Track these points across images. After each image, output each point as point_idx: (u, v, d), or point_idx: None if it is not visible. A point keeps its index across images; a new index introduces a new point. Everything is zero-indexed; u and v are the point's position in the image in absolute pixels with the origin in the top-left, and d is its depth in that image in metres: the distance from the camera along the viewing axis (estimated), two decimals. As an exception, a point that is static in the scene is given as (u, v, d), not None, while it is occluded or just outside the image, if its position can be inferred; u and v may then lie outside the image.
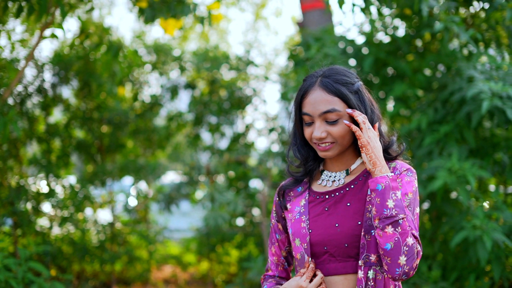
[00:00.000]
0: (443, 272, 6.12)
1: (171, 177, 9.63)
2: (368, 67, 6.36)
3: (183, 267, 8.90)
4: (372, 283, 2.30)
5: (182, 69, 8.35)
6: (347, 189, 2.44)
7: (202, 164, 7.27)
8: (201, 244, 8.60)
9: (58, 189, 7.52)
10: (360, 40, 7.05)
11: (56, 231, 7.65)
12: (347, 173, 2.48)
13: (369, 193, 2.37)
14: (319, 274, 2.38)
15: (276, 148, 8.38)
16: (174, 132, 8.65)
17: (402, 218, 2.21)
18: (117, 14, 27.14)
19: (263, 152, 8.44)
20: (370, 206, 2.34)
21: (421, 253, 2.24)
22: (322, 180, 2.53)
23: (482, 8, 6.82)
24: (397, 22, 6.98)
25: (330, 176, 2.51)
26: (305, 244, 2.41)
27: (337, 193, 2.45)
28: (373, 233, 2.31)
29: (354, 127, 2.35)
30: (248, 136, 8.51)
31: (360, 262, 2.32)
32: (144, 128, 8.30)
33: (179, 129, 8.58)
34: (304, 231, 2.43)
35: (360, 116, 2.36)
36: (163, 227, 8.57)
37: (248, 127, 8.49)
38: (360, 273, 2.31)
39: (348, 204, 2.40)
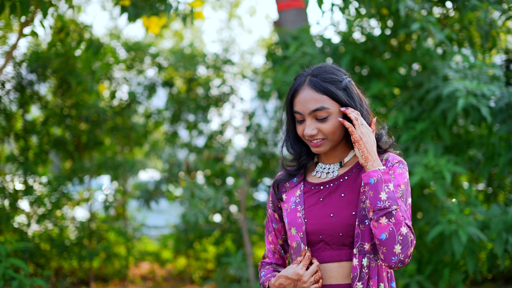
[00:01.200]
0: (418, 266, 6.27)
1: (150, 174, 9.67)
2: (345, 66, 6.48)
3: (160, 264, 8.95)
4: (366, 270, 2.41)
5: (160, 67, 8.40)
6: (341, 180, 2.54)
7: (182, 161, 7.33)
8: (179, 240, 8.66)
9: (36, 186, 7.52)
10: (336, 39, 7.17)
11: (34, 228, 7.65)
12: (341, 165, 2.59)
13: (362, 184, 2.47)
14: (315, 262, 2.48)
15: (253, 145, 8.48)
16: (152, 129, 8.70)
17: (395, 209, 2.32)
18: (91, 12, 26.94)
19: (240, 150, 8.53)
20: (364, 197, 2.44)
21: (414, 242, 2.36)
22: (317, 172, 2.63)
23: (456, 9, 6.98)
24: (372, 21, 7.12)
25: (324, 168, 2.61)
26: (301, 233, 2.51)
27: (331, 184, 2.55)
28: (367, 223, 2.42)
29: (347, 124, 2.45)
30: (225, 133, 8.59)
31: (354, 250, 2.43)
32: (122, 125, 8.33)
33: (157, 126, 8.63)
34: (299, 220, 2.52)
35: (353, 113, 2.46)
36: (141, 223, 8.61)
37: (225, 125, 8.57)
38: (355, 261, 2.42)
39: (343, 195, 2.50)
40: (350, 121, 2.50)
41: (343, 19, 7.19)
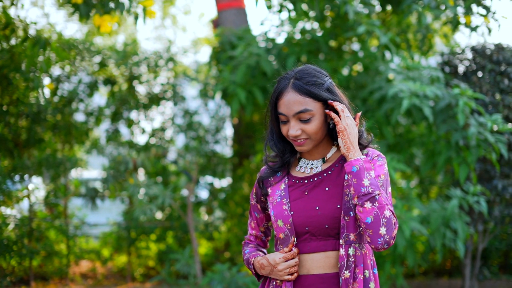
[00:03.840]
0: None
1: (92, 172, 9.60)
2: (290, 67, 6.63)
3: (102, 262, 8.92)
4: (353, 259, 2.58)
5: (101, 65, 8.36)
6: (325, 175, 2.70)
7: (128, 159, 7.33)
8: (120, 238, 8.66)
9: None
10: (280, 39, 7.34)
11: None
12: (324, 161, 2.74)
13: (346, 178, 2.63)
14: (295, 259, 2.65)
15: (193, 143, 8.57)
16: (93, 126, 8.65)
17: (378, 194, 2.50)
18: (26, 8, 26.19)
19: (181, 148, 8.60)
20: (348, 190, 2.61)
21: (397, 225, 2.56)
22: (300, 167, 2.77)
23: (394, 13, 7.26)
24: (315, 23, 7.33)
25: (307, 164, 2.76)
26: (288, 225, 2.65)
27: (315, 178, 2.70)
28: (351, 214, 2.58)
29: (333, 114, 2.62)
30: (167, 131, 8.63)
31: (341, 241, 2.59)
32: (63, 123, 8.26)
33: (98, 123, 8.58)
34: (286, 213, 2.66)
35: (339, 105, 2.63)
36: (82, 221, 8.55)
37: (166, 123, 8.61)
38: (342, 251, 2.58)
39: (327, 188, 2.65)
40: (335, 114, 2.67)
41: (286, 20, 7.38)
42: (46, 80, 8.20)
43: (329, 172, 2.70)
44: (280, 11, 6.93)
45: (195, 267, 7.06)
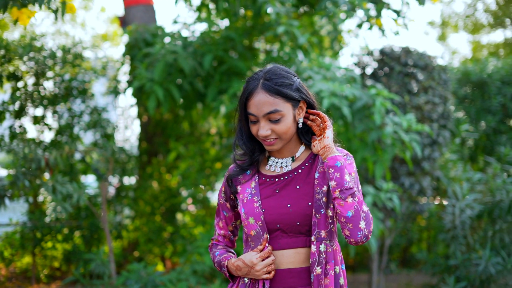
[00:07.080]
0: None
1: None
2: (207, 65, 6.67)
3: (5, 263, 8.57)
4: (324, 255, 2.65)
5: (5, 59, 8.03)
6: (295, 173, 2.75)
7: (40, 156, 7.07)
8: (23, 238, 8.36)
9: None
10: (194, 38, 7.35)
11: None
12: (293, 160, 2.80)
13: (316, 176, 2.71)
14: (271, 257, 2.69)
15: (101, 141, 8.41)
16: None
17: (356, 191, 2.61)
18: None
19: (89, 145, 8.41)
20: (319, 188, 2.68)
21: (373, 221, 2.68)
22: (270, 165, 2.82)
23: (305, 14, 7.41)
24: (226, 22, 7.38)
25: (277, 162, 2.81)
26: (260, 222, 2.69)
27: (286, 177, 2.75)
28: (322, 212, 2.65)
29: (322, 114, 2.76)
30: (74, 128, 8.40)
31: (312, 238, 2.66)
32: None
33: (1, 120, 8.23)
34: (257, 210, 2.70)
35: (323, 114, 2.77)
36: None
37: (75, 119, 8.38)
38: (313, 248, 2.64)
39: (298, 187, 2.71)
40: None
41: (201, 18, 7.38)
42: None
43: (299, 171, 2.76)
44: (199, 9, 6.92)
45: (110, 267, 6.94)
